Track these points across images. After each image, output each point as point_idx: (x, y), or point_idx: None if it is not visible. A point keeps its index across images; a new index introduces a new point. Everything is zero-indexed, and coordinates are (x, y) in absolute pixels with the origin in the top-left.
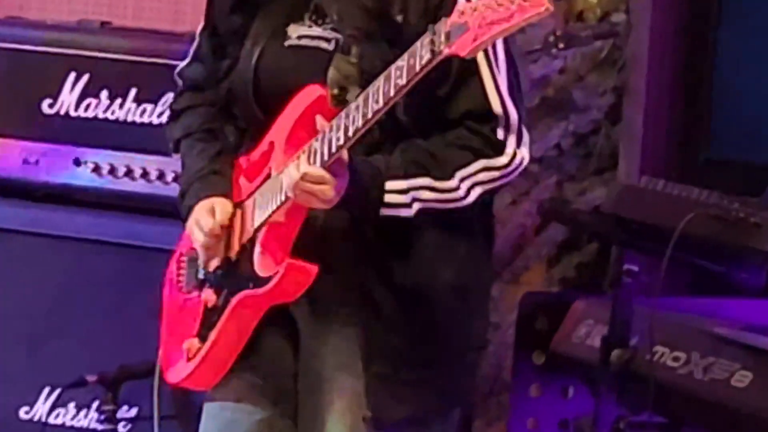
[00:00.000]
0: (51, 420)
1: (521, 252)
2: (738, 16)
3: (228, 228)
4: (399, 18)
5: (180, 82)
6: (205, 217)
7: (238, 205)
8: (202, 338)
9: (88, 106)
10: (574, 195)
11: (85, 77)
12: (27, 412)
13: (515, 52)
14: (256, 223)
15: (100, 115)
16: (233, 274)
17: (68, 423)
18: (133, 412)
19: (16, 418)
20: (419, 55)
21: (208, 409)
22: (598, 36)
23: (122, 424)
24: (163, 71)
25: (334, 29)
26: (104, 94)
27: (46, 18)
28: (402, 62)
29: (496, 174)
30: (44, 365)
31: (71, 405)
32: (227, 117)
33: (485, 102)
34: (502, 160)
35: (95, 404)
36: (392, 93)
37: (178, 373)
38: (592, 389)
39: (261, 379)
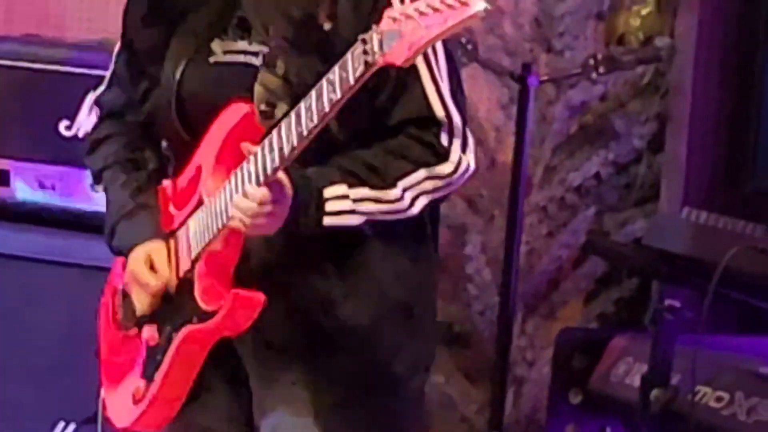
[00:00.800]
0: None
1: (558, 286)
2: None
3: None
4: (327, 26)
5: (98, 110)
6: (145, 273)
7: (171, 234)
8: (149, 379)
9: None
10: (614, 227)
11: None
12: None
13: (455, 52)
14: (194, 254)
15: None
16: (174, 308)
17: None
18: None
19: None
20: (352, 66)
21: None
22: (641, 61)
23: None
24: None
25: (262, 42)
26: (96, 110)
27: (65, 36)
28: (333, 75)
29: (441, 183)
30: (58, 398)
31: None
32: (148, 142)
33: (427, 107)
34: (447, 167)
35: None
36: (327, 108)
37: (125, 416)
38: (631, 431)
39: (210, 421)
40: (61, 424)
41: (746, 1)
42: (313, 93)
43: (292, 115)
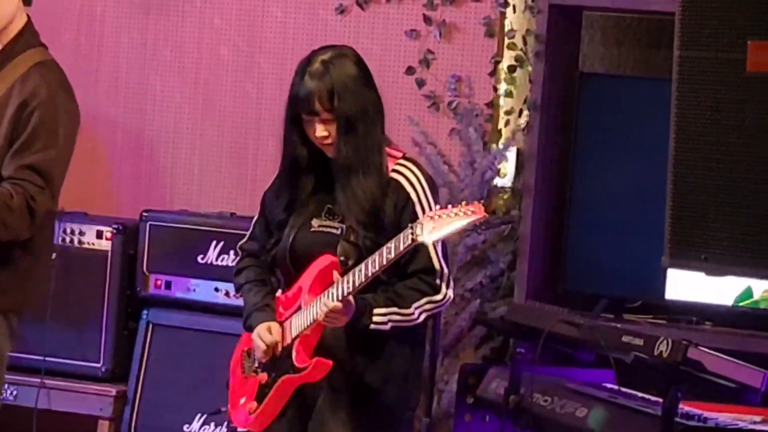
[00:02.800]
0: None
1: (461, 341)
2: (584, 213)
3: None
4: (381, 215)
5: (240, 252)
6: (266, 334)
7: (280, 323)
8: (259, 401)
9: (222, 258)
10: (490, 310)
11: (221, 243)
12: (187, 428)
13: None
14: (294, 335)
15: (229, 264)
16: (278, 364)
17: None
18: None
19: (181, 431)
20: (403, 241)
21: None
22: (503, 222)
23: None
24: None
25: (340, 222)
26: (231, 253)
27: (201, 210)
28: (391, 244)
29: (435, 305)
30: (198, 401)
31: (212, 424)
32: (271, 272)
33: (430, 263)
34: (439, 297)
35: (225, 423)
36: (384, 262)
37: (243, 421)
38: (499, 417)
39: (285, 429)
40: (198, 415)
41: (558, 193)
42: (377, 254)
43: (362, 264)
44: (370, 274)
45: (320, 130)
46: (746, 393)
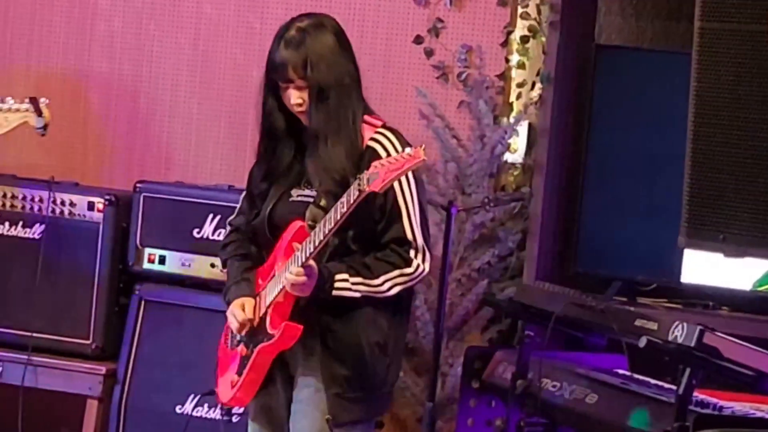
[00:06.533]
0: (194, 414)
1: (467, 323)
2: (597, 191)
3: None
4: (352, 181)
5: (229, 227)
6: (239, 311)
7: (257, 294)
8: (240, 374)
9: (219, 233)
10: (498, 291)
11: (218, 217)
12: (180, 408)
13: (424, 201)
14: (268, 302)
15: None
16: (256, 334)
17: (203, 416)
18: (240, 410)
19: (173, 412)
20: (352, 193)
21: (250, 423)
22: (513, 200)
23: (234, 416)
24: None
25: (315, 190)
26: (228, 228)
27: (198, 182)
28: (343, 198)
29: (406, 278)
30: (191, 382)
31: (206, 405)
32: (253, 243)
33: (404, 234)
34: (410, 270)
35: (219, 404)
36: (338, 217)
37: (226, 395)
38: (505, 403)
39: (271, 401)
40: (191, 396)
41: (571, 171)
42: (332, 210)
43: (320, 224)
44: (327, 232)
45: (295, 97)
46: (764, 381)
